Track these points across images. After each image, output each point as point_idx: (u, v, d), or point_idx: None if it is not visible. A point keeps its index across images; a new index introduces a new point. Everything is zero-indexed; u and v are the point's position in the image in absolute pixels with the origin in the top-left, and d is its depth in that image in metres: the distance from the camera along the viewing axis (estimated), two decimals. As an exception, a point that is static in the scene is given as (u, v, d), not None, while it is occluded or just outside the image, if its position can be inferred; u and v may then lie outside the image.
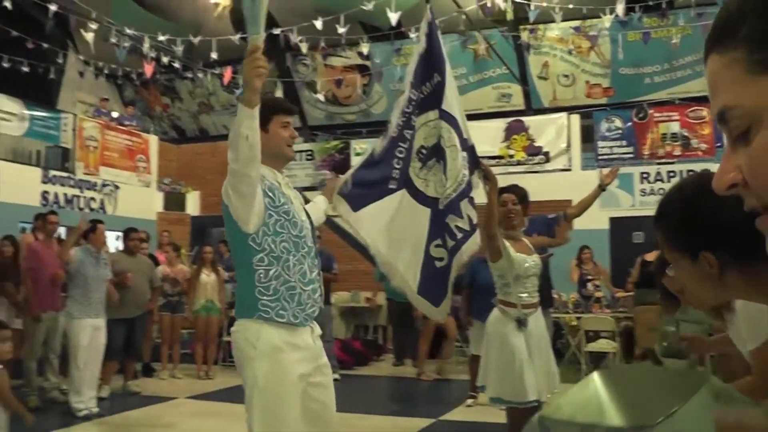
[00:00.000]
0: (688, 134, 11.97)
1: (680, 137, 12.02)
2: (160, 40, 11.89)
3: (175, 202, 14.71)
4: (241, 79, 13.74)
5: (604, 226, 11.63)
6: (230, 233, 3.07)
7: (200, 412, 7.77)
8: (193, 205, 14.85)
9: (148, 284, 8.77)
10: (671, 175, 11.55)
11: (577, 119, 12.72)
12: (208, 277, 9.75)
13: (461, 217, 4.31)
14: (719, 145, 11.44)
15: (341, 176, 4.22)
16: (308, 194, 4.38)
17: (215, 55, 11.89)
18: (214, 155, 14.24)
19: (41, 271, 7.71)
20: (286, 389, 2.95)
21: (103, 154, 13.29)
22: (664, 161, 12.03)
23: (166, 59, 12.90)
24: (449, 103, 4.31)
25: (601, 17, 11.39)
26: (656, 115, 12.26)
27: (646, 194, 11.66)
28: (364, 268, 10.72)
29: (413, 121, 4.30)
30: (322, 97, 14.84)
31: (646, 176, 11.86)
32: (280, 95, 13.70)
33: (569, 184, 11.30)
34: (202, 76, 14.52)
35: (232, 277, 8.93)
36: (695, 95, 11.99)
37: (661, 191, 11.06)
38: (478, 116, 12.87)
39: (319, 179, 13.57)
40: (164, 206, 14.59)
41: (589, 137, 12.61)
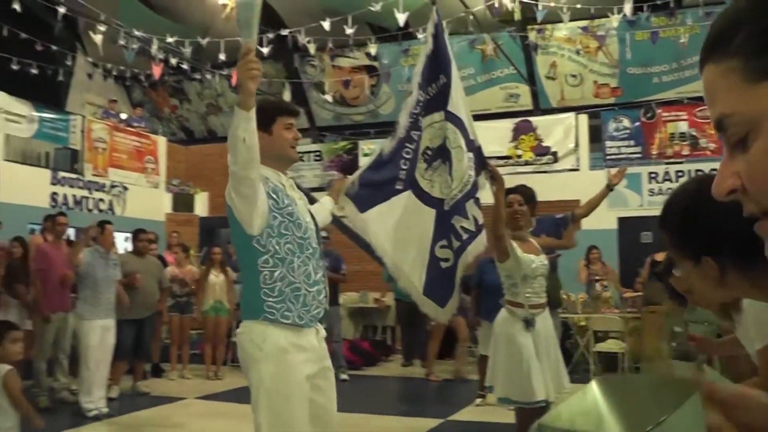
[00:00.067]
0: (696, 134, 11.92)
1: (688, 137, 11.98)
2: (168, 41, 11.92)
3: (183, 203, 14.73)
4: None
5: (612, 226, 11.60)
6: (235, 235, 3.08)
7: (209, 412, 7.79)
8: (201, 206, 14.87)
9: (157, 285, 8.80)
10: (680, 174, 11.50)
11: (585, 119, 12.69)
12: (216, 277, 9.77)
13: (467, 218, 4.33)
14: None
15: (349, 177, 4.23)
16: (316, 195, 4.40)
17: (223, 56, 11.91)
18: (222, 156, 14.02)
19: (50, 272, 7.73)
20: (293, 390, 2.94)
21: (111, 155, 13.32)
22: (672, 161, 11.99)
23: (174, 61, 12.93)
24: (455, 104, 4.33)
25: (609, 17, 11.37)
26: (664, 114, 12.22)
27: (654, 194, 11.61)
28: (372, 268, 10.71)
29: (420, 122, 4.32)
30: (330, 97, 14.83)
31: (654, 176, 11.82)
32: (288, 96, 13.73)
33: (577, 184, 11.28)
34: (210, 77, 14.58)
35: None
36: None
37: (669, 191, 10.90)
38: (485, 116, 12.89)
39: (327, 180, 13.58)
40: (173, 207, 14.61)
41: (597, 137, 12.58)
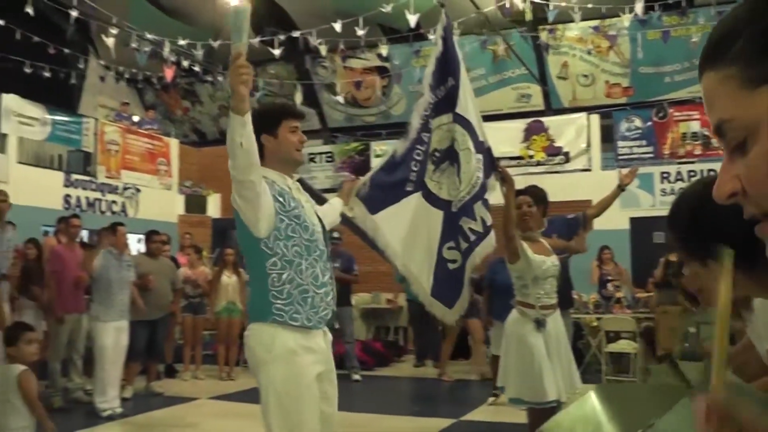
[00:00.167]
0: (708, 133, 11.84)
1: (700, 136, 11.92)
2: (180, 44, 11.98)
3: (196, 204, 14.78)
4: (260, 81, 13.94)
5: (624, 226, 11.56)
6: (242, 238, 3.10)
7: (222, 412, 7.82)
8: (214, 207, 14.91)
9: (170, 286, 8.85)
10: (692, 174, 11.46)
11: (596, 119, 12.66)
12: (229, 278, 9.81)
13: (474, 219, 4.33)
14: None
15: (360, 178, 4.25)
16: (328, 196, 4.42)
17: (235, 58, 11.92)
18: (234, 158, 14.25)
19: (64, 273, 7.79)
20: (302, 392, 2.95)
21: (124, 157, 13.39)
22: (684, 161, 11.95)
23: (186, 63, 13.00)
24: (463, 106, 4.34)
25: (620, 16, 11.36)
26: (676, 114, 12.17)
27: (666, 194, 11.56)
28: (384, 269, 10.72)
29: (430, 124, 4.33)
30: (341, 99, 14.87)
31: (666, 176, 11.78)
32: (299, 97, 13.78)
33: (589, 184, 11.25)
34: (222, 79, 14.61)
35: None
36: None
37: (681, 191, 10.95)
38: (497, 117, 12.89)
39: (339, 181, 13.60)
40: (185, 209, 14.66)
41: (609, 137, 12.55)
